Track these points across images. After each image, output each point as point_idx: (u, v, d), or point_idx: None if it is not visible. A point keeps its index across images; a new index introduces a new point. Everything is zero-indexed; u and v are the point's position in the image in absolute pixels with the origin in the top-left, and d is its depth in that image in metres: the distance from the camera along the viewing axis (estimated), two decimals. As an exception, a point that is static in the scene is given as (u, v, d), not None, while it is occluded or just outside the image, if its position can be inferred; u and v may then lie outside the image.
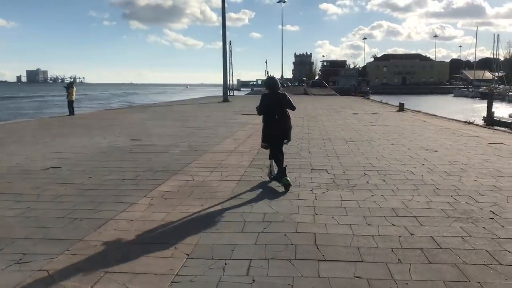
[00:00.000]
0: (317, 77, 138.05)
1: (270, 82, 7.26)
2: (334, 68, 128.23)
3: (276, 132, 7.09)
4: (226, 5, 37.98)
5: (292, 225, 5.07)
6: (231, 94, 55.03)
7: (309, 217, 5.36)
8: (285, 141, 7.30)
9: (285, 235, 4.73)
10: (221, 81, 41.27)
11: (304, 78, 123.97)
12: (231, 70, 59.23)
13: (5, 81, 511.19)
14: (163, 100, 60.72)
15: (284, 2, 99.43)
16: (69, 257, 4.07)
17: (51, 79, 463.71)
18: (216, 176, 7.76)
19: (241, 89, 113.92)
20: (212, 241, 4.55)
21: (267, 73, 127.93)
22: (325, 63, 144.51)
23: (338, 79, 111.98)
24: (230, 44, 58.93)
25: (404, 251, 4.33)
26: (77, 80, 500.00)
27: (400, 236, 4.73)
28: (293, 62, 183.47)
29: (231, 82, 62.53)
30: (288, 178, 6.85)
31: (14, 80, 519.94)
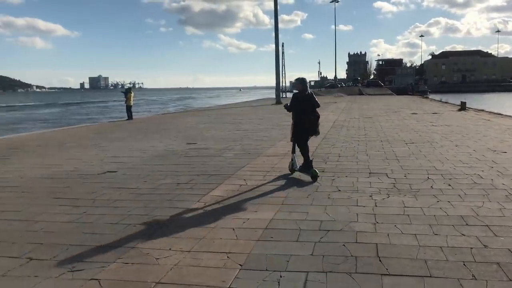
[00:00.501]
0: (372, 76, 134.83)
1: (300, 83, 7.92)
2: (390, 67, 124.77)
3: (305, 127, 7.82)
4: (278, 7, 37.84)
5: (351, 234, 4.75)
6: (284, 96, 54.79)
7: (369, 226, 5.02)
8: (314, 135, 8.05)
9: (344, 245, 4.42)
10: (273, 84, 41.18)
11: (358, 78, 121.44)
12: (283, 72, 58.99)
13: (70, 88, 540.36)
14: (218, 104, 61.59)
15: (337, 1, 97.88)
16: (120, 266, 3.99)
17: (112, 85, 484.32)
18: (270, 180, 7.55)
19: (294, 90, 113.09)
20: (266, 250, 4.33)
21: (320, 74, 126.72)
22: (380, 62, 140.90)
23: (394, 78, 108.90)
24: (282, 46, 58.74)
25: (478, 265, 3.90)
26: (136, 86, 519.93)
27: (472, 248, 4.29)
28: (347, 62, 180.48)
29: (283, 84, 62.34)
30: (316, 170, 7.50)
31: (78, 86, 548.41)
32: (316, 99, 7.96)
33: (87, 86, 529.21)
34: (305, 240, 4.59)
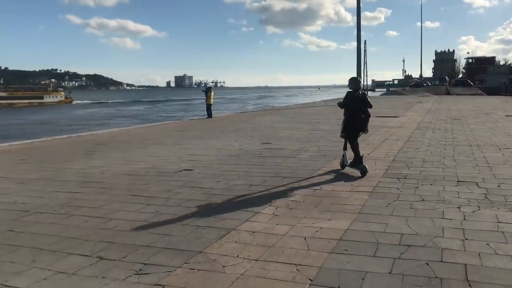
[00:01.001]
0: (460, 75, 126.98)
1: (353, 82, 8.42)
2: (481, 65, 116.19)
3: (356, 125, 8.22)
4: (361, 4, 36.71)
5: (435, 251, 4.27)
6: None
7: (457, 243, 4.50)
8: (363, 133, 8.43)
9: (427, 264, 3.97)
10: (354, 82, 39.98)
11: (445, 77, 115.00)
12: (365, 70, 57.30)
13: (157, 86, 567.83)
14: (295, 102, 61.32)
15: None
16: (186, 272, 3.88)
17: (195, 84, 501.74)
18: (346, 186, 7.16)
19: (376, 89, 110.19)
20: (339, 265, 4.01)
21: (405, 72, 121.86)
22: (470, 60, 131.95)
23: (485, 77, 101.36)
24: (365, 43, 57.13)
25: None
26: (218, 85, 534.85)
27: None
28: (433, 60, 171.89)
29: (365, 83, 60.55)
30: (366, 166, 7.95)
31: (164, 85, 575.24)
32: (369, 99, 8.39)
33: (172, 84, 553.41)
34: (383, 255, 4.20)
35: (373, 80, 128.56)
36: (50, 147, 12.86)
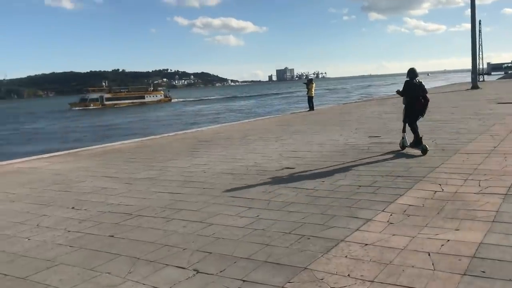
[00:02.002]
0: None
1: (412, 71, 9.28)
2: None
3: (416, 110, 9.21)
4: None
5: None
6: (481, 79, 48.56)
7: None
8: (420, 117, 9.37)
9: None
10: (465, 67, 37.18)
11: None
12: (480, 53, 52.32)
13: (259, 81, 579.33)
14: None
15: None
16: (289, 294, 3.39)
17: (296, 76, 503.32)
18: (473, 186, 6.15)
19: (492, 73, 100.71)
20: (477, 293, 3.23)
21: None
22: None
23: None
24: (479, 24, 52.08)
25: None
26: (320, 76, 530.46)
27: None
28: None
29: (480, 66, 55.32)
30: (426, 145, 8.78)
31: (266, 79, 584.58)
32: (425, 86, 9.31)
33: (274, 78, 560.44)
34: (535, 282, 3.32)
35: (488, 63, 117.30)
36: (158, 145, 13.25)
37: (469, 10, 34.16)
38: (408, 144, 9.23)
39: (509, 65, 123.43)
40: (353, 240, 4.40)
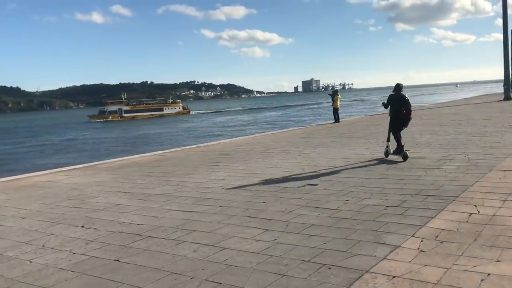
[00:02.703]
0: None
1: (397, 86, 10.30)
2: None
3: (400, 121, 10.16)
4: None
5: None
6: (515, 90, 46.81)
7: None
8: (405, 127, 10.31)
9: None
10: (496, 77, 35.84)
11: None
12: (513, 62, 50.53)
13: (285, 92, 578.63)
14: (432, 101, 56.70)
15: None
16: None
17: (323, 87, 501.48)
18: (511, 207, 5.58)
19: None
20: None
21: None
22: None
23: None
24: (511, 33, 50.42)
25: None
26: (346, 87, 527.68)
27: None
28: None
29: (513, 76, 53.40)
30: (407, 152, 9.84)
31: (292, 90, 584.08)
32: (409, 100, 10.26)
33: (300, 89, 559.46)
34: None
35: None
36: (177, 158, 12.99)
37: (499, 19, 33.14)
38: (392, 152, 10.17)
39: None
40: (379, 271, 3.93)
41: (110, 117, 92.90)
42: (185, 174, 9.90)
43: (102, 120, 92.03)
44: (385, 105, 10.54)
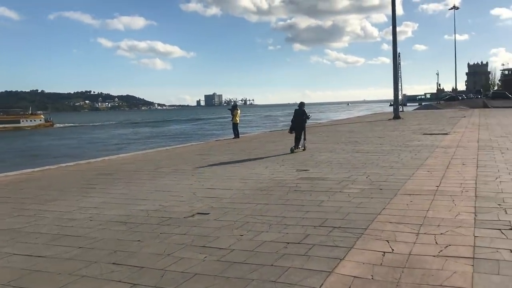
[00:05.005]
0: (495, 87, 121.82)
1: (300, 104, 15.55)
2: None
3: (296, 126, 15.05)
4: (396, 18, 34.27)
5: None
6: (401, 110, 50.24)
7: None
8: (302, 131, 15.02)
9: None
10: (383, 97, 38.43)
11: (480, 90, 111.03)
12: (400, 84, 54.41)
13: (187, 105, 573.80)
14: (326, 119, 58.76)
15: (457, 8, 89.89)
16: None
17: (225, 102, 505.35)
18: (429, 244, 4.83)
19: (407, 104, 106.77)
20: None
21: (439, 85, 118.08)
22: (506, 72, 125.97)
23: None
24: (399, 56, 54.32)
25: None
26: (247, 103, 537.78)
27: None
28: (466, 73, 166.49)
29: (400, 97, 57.46)
30: (293, 148, 14.71)
31: (194, 104, 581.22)
32: (306, 111, 15.25)
33: (202, 103, 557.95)
34: None
35: (404, 95, 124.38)
36: (48, 178, 10.99)
37: (385, 44, 35.76)
38: (294, 147, 14.76)
39: (422, 97, 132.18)
40: None
41: None
42: (49, 200, 8.11)
43: None
44: (291, 123, 15.40)
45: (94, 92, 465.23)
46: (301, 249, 4.82)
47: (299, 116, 14.90)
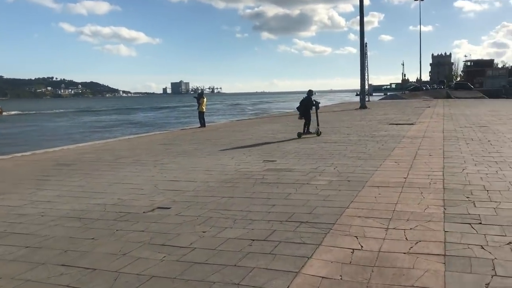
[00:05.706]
0: (458, 78, 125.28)
1: (308, 92, 16.17)
2: (479, 68, 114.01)
3: (304, 113, 15.88)
4: (364, 8, 34.33)
5: None
6: (368, 99, 50.79)
7: None
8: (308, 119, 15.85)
9: None
10: (349, 87, 38.91)
11: (444, 80, 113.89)
12: (367, 74, 54.94)
13: (153, 93, 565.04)
14: (295, 108, 58.79)
15: (422, 0, 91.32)
16: None
17: (192, 90, 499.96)
18: (399, 240, 4.66)
19: (373, 94, 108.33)
20: None
21: (404, 76, 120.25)
22: (468, 63, 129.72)
23: (484, 80, 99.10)
24: (366, 46, 54.74)
25: None
26: (215, 91, 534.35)
27: None
28: (430, 64, 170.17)
29: (366, 87, 58.09)
30: (300, 133, 15.52)
31: (160, 91, 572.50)
32: (313, 99, 15.87)
33: (169, 91, 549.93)
34: None
35: (370, 85, 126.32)
36: (0, 169, 10.33)
37: (352, 34, 35.91)
38: (303, 132, 15.59)
39: (388, 87, 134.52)
40: None
41: None
42: (-2, 193, 7.56)
43: None
44: (298, 108, 16.21)
45: (56, 78, 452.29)
46: (267, 247, 4.56)
47: (304, 103, 15.65)
